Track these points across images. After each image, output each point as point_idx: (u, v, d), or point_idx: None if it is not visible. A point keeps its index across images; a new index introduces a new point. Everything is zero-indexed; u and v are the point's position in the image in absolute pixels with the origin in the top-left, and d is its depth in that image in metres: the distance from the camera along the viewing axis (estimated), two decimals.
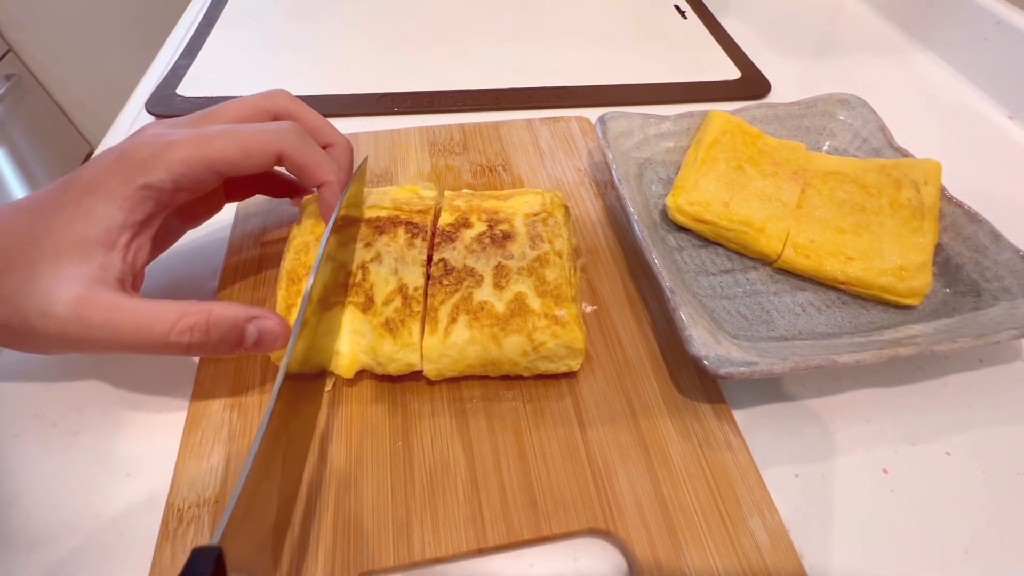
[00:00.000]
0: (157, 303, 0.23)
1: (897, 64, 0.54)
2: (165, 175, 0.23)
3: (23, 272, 0.22)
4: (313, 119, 0.29)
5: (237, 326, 0.23)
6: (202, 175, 0.24)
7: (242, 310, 0.23)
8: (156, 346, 0.22)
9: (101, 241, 0.23)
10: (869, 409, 0.29)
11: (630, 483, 0.25)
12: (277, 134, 0.25)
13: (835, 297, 0.33)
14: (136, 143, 0.24)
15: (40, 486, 0.26)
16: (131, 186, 0.23)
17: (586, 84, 0.49)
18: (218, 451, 0.26)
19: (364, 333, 0.26)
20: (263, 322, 0.24)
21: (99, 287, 0.22)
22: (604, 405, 0.28)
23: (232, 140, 0.24)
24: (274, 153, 0.25)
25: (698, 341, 0.26)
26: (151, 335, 0.22)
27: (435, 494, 0.25)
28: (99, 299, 0.22)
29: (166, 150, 0.23)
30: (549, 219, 0.30)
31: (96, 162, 0.24)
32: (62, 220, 0.23)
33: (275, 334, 0.24)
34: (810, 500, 0.26)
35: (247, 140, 0.24)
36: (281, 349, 0.25)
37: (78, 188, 0.23)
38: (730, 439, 0.27)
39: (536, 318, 0.27)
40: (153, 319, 0.22)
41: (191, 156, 0.23)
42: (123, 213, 0.23)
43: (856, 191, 0.35)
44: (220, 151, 0.24)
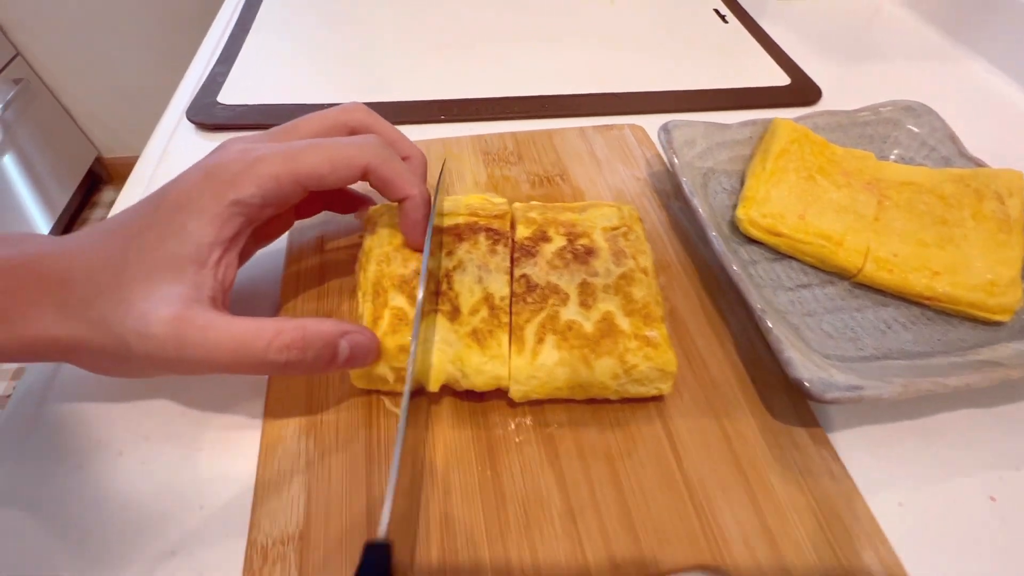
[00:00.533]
0: (251, 321, 0.22)
1: (944, 68, 0.53)
2: (256, 190, 0.23)
3: (115, 295, 0.21)
4: (390, 132, 0.28)
5: (331, 343, 0.22)
6: (290, 190, 0.23)
7: (335, 326, 0.23)
8: (253, 365, 0.22)
9: (193, 259, 0.22)
10: (967, 431, 0.28)
11: (734, 515, 0.24)
12: (363, 148, 0.25)
13: (919, 313, 0.32)
14: (224, 160, 0.23)
15: (109, 522, 0.24)
16: (222, 202, 0.22)
17: (633, 91, 0.48)
18: (297, 481, 0.25)
19: (451, 343, 0.25)
20: (355, 337, 0.23)
21: (195, 306, 0.21)
22: (696, 430, 0.27)
23: (319, 154, 0.24)
24: (361, 167, 0.24)
25: (799, 364, 0.25)
26: (248, 354, 0.21)
27: (531, 528, 0.23)
28: (196, 318, 0.21)
29: (255, 165, 0.23)
30: (630, 233, 0.29)
31: (183, 180, 0.23)
32: (152, 239, 0.22)
33: (367, 349, 0.24)
34: (916, 531, 0.25)
35: (334, 154, 0.24)
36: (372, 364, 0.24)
37: (167, 207, 0.23)
38: (831, 466, 0.26)
39: (627, 339, 0.26)
40: (250, 337, 0.21)
41: (280, 171, 0.23)
42: (214, 230, 0.22)
43: (935, 202, 0.34)
44: (308, 165, 0.23)
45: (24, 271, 0.22)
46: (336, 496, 0.24)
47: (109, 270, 0.21)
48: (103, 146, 1.67)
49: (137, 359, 0.21)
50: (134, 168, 0.41)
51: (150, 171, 0.41)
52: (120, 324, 0.21)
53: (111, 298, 0.21)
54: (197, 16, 0.53)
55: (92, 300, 0.21)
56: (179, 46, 0.54)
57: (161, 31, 1.41)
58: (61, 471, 0.26)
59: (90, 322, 0.21)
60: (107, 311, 0.21)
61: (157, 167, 0.41)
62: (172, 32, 1.40)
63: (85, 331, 0.21)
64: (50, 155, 1.49)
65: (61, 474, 0.25)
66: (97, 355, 0.22)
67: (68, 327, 0.21)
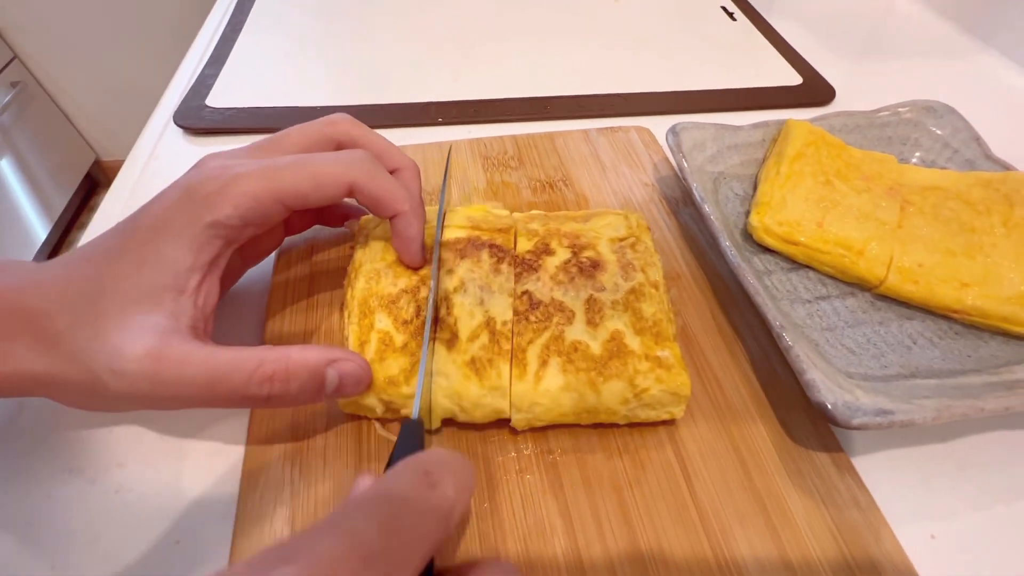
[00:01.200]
0: (231, 351, 0.20)
1: (962, 65, 0.51)
2: (232, 211, 0.21)
3: (90, 327, 0.20)
4: (378, 144, 0.26)
5: (317, 373, 0.21)
6: (270, 209, 0.22)
7: (321, 353, 0.21)
8: (233, 399, 0.20)
9: (170, 286, 0.20)
10: (1000, 455, 0.26)
11: (751, 549, 0.22)
12: (349, 164, 0.23)
13: (947, 327, 0.30)
14: (200, 178, 0.21)
15: (78, 556, 0.22)
16: (198, 225, 0.21)
17: (639, 91, 0.46)
18: (280, 514, 0.23)
19: (448, 374, 0.23)
20: (344, 365, 0.21)
21: (171, 337, 0.20)
22: (710, 456, 0.25)
23: (302, 171, 0.22)
24: (347, 184, 0.23)
25: (822, 387, 0.23)
26: (227, 388, 0.20)
27: (533, 566, 0.22)
28: (171, 352, 0.19)
29: (232, 184, 0.21)
30: (638, 244, 0.27)
31: (158, 201, 0.22)
32: (127, 266, 0.20)
33: (357, 378, 0.22)
34: (951, 567, 0.23)
35: (318, 171, 0.22)
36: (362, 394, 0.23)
37: (142, 231, 0.21)
38: (856, 495, 0.24)
39: (637, 360, 0.24)
40: (229, 370, 0.20)
41: (259, 189, 0.21)
42: (191, 255, 0.21)
43: (962, 208, 0.32)
44: (290, 184, 0.22)
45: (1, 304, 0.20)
46: None
47: (84, 300, 0.20)
48: (101, 149, 1.66)
49: (110, 396, 0.20)
50: (118, 174, 0.39)
51: (135, 176, 0.39)
52: (93, 360, 0.19)
53: (86, 331, 0.20)
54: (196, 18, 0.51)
55: (67, 332, 0.20)
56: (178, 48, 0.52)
57: (159, 34, 1.40)
58: (29, 500, 0.24)
59: (64, 357, 0.20)
60: (81, 345, 0.19)
61: (143, 172, 0.39)
62: (171, 35, 1.39)
63: (60, 366, 0.20)
64: (48, 159, 1.47)
65: (29, 503, 0.24)
66: (72, 390, 0.21)
67: (44, 362, 0.20)
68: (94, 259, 0.21)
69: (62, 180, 1.53)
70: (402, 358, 0.23)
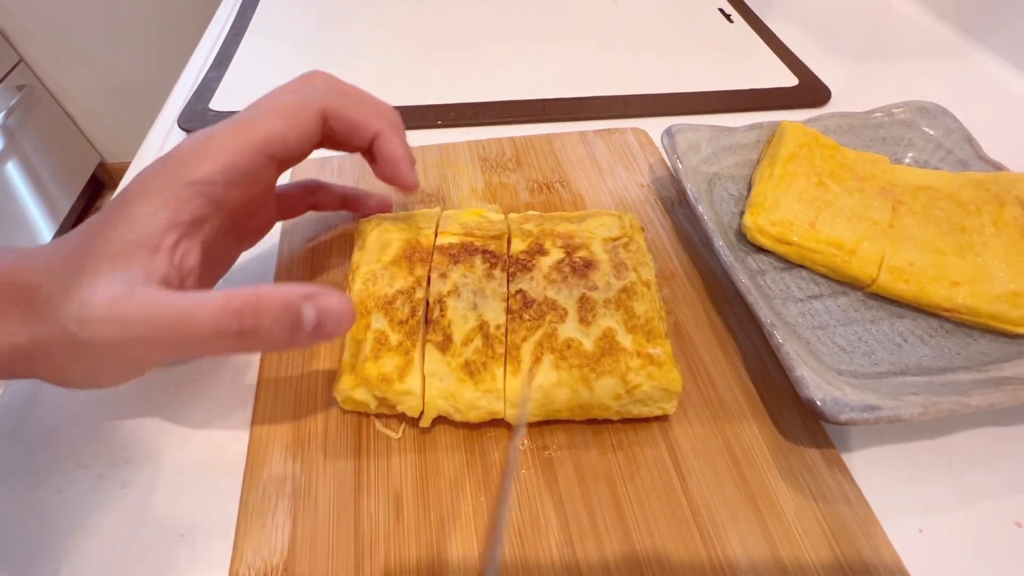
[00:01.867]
0: (198, 292, 0.20)
1: (958, 66, 0.52)
2: (212, 167, 0.21)
3: (68, 290, 0.19)
4: (356, 91, 0.26)
5: (292, 307, 0.20)
6: (252, 162, 0.22)
7: (297, 288, 0.20)
8: (203, 338, 0.19)
9: (144, 243, 0.20)
10: (989, 451, 0.26)
11: (743, 544, 0.23)
12: (315, 91, 0.23)
13: (937, 325, 0.30)
14: (177, 146, 0.22)
15: (88, 549, 0.23)
16: (175, 185, 0.21)
17: (637, 93, 0.47)
18: (282, 508, 0.24)
19: (442, 376, 0.24)
20: (323, 301, 0.20)
21: (138, 286, 0.19)
22: (703, 452, 0.25)
23: (272, 113, 0.22)
24: (318, 111, 0.23)
25: (811, 383, 0.24)
26: (196, 325, 0.19)
27: (527, 559, 0.22)
28: (136, 296, 0.19)
29: (207, 143, 0.21)
30: (631, 244, 0.28)
31: (141, 171, 0.22)
32: (105, 231, 0.20)
33: (338, 314, 0.20)
34: (939, 561, 0.23)
35: (286, 107, 0.22)
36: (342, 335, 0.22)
37: (121, 200, 0.21)
38: (845, 490, 0.24)
39: (629, 357, 0.24)
40: (196, 306, 0.19)
41: (235, 142, 0.21)
42: (167, 213, 0.20)
43: (953, 208, 0.32)
44: (264, 129, 0.22)
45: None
46: (323, 526, 0.23)
47: (65, 267, 0.20)
48: (106, 152, 1.67)
49: (82, 351, 0.19)
50: (124, 176, 0.40)
51: None
52: (64, 314, 0.19)
53: (65, 294, 0.19)
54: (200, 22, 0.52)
55: (49, 300, 0.20)
56: (183, 51, 0.53)
57: (164, 36, 1.41)
58: (40, 495, 0.25)
59: (44, 322, 0.20)
60: (57, 307, 0.19)
61: None
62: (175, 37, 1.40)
63: (41, 333, 0.20)
64: (53, 161, 1.49)
65: (40, 498, 0.24)
66: (52, 358, 0.20)
67: (25, 332, 0.20)
68: (79, 231, 0.21)
69: (67, 182, 1.55)
70: (396, 356, 0.24)
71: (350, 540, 0.22)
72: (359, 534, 0.23)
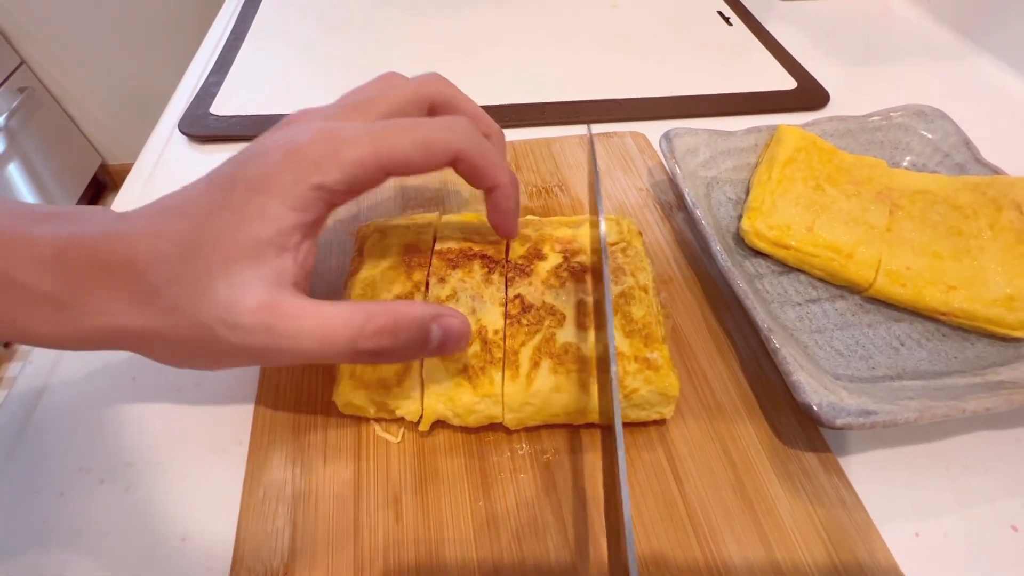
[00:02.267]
0: (340, 306, 0.20)
1: (958, 70, 0.52)
2: (340, 175, 0.21)
3: (193, 283, 0.19)
4: (473, 108, 0.26)
5: (424, 327, 0.21)
6: (375, 175, 0.21)
7: (426, 308, 0.21)
8: (343, 354, 0.20)
9: (274, 243, 0.20)
10: (985, 456, 0.27)
11: (739, 548, 0.23)
12: (456, 133, 0.23)
13: (934, 329, 0.30)
14: (306, 139, 0.21)
15: (89, 552, 0.23)
16: (304, 185, 0.20)
17: (635, 96, 0.47)
18: (282, 512, 0.24)
19: (441, 381, 0.24)
20: (448, 321, 0.22)
21: (280, 291, 0.20)
22: (700, 456, 0.25)
23: (411, 139, 0.22)
24: (453, 154, 0.23)
25: (807, 387, 0.24)
26: (339, 342, 0.20)
27: (525, 562, 0.22)
28: (285, 306, 0.20)
29: (342, 150, 0.21)
30: (629, 249, 0.28)
31: (259, 158, 0.21)
32: (228, 222, 0.20)
33: (459, 334, 0.22)
34: (935, 565, 0.23)
35: (427, 139, 0.22)
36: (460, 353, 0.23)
37: (242, 187, 0.20)
38: (842, 494, 0.24)
39: (626, 362, 0.24)
40: (340, 324, 0.20)
41: (367, 156, 0.21)
42: (295, 214, 0.20)
43: (950, 212, 0.32)
44: (399, 151, 0.21)
45: (83, 253, 0.20)
46: (322, 529, 0.23)
47: (180, 255, 0.20)
48: (107, 153, 1.68)
49: (221, 349, 0.20)
50: (126, 180, 0.40)
51: (143, 182, 0.40)
52: (206, 314, 0.19)
53: (189, 286, 0.19)
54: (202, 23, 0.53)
55: (165, 288, 0.19)
56: (184, 53, 0.53)
57: (165, 39, 1.42)
58: (43, 498, 0.25)
59: (166, 311, 0.20)
60: (186, 300, 0.19)
61: (150, 178, 0.40)
62: (176, 39, 1.41)
63: (161, 321, 0.20)
64: (55, 162, 1.49)
65: (43, 501, 0.25)
66: (174, 346, 0.20)
67: (139, 317, 0.20)
68: (188, 213, 0.20)
69: (69, 183, 1.55)
70: None
71: (350, 543, 0.23)
72: (358, 537, 0.23)
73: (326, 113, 0.24)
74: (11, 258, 0.19)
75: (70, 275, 0.19)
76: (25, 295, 0.19)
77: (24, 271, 0.19)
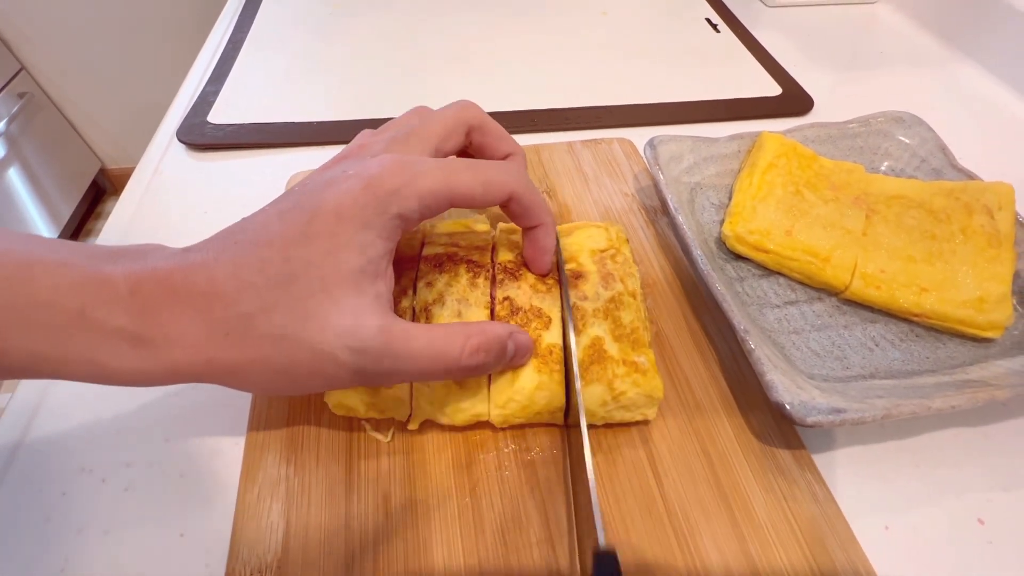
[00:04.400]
0: (441, 328, 0.23)
1: (940, 77, 0.53)
2: (416, 204, 0.22)
3: (294, 310, 0.20)
4: (498, 131, 0.29)
5: (504, 343, 0.23)
6: (441, 206, 0.23)
7: (504, 327, 0.24)
8: (447, 372, 0.22)
9: (368, 271, 0.21)
10: (955, 451, 0.28)
11: (715, 542, 0.24)
12: (512, 175, 0.25)
13: (908, 330, 0.31)
14: (382, 170, 0.22)
15: (91, 549, 0.24)
16: (386, 215, 0.22)
17: (623, 103, 0.48)
18: (276, 509, 0.25)
19: (429, 382, 0.25)
20: (519, 337, 0.24)
21: (391, 316, 0.22)
22: (679, 454, 0.26)
23: (475, 177, 0.24)
24: (508, 193, 0.25)
25: (780, 387, 0.25)
26: (445, 360, 0.22)
27: (509, 556, 0.23)
28: (398, 329, 0.21)
29: (417, 181, 0.22)
30: (618, 255, 0.29)
31: (334, 188, 0.22)
32: (319, 251, 0.21)
33: (527, 347, 0.25)
34: (904, 556, 0.24)
35: (488, 178, 0.24)
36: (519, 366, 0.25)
37: (325, 218, 0.21)
38: (815, 490, 0.25)
39: (615, 365, 0.25)
40: (445, 344, 0.22)
41: (439, 188, 0.23)
42: (383, 241, 0.22)
43: (924, 217, 0.33)
44: (465, 187, 0.23)
45: (158, 285, 0.20)
46: (315, 525, 0.24)
47: (269, 283, 0.20)
48: (107, 157, 1.69)
49: (337, 375, 0.21)
50: (125, 189, 0.41)
51: (142, 190, 0.41)
52: (324, 340, 0.20)
53: (291, 314, 0.20)
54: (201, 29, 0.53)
55: (260, 316, 0.20)
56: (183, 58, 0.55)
57: (165, 44, 1.43)
58: (45, 497, 0.26)
59: (268, 340, 0.20)
60: (290, 327, 0.20)
61: (149, 186, 0.41)
62: (175, 44, 1.42)
63: (262, 351, 0.20)
64: (54, 167, 1.50)
65: (45, 500, 0.26)
66: (276, 374, 0.21)
67: (229, 348, 0.20)
68: (267, 242, 0.21)
69: (68, 188, 1.56)
70: None
71: (341, 538, 0.24)
72: (349, 533, 0.24)
73: (389, 142, 0.25)
74: (86, 296, 0.19)
75: (147, 308, 0.20)
76: (102, 331, 0.19)
77: (100, 308, 0.19)
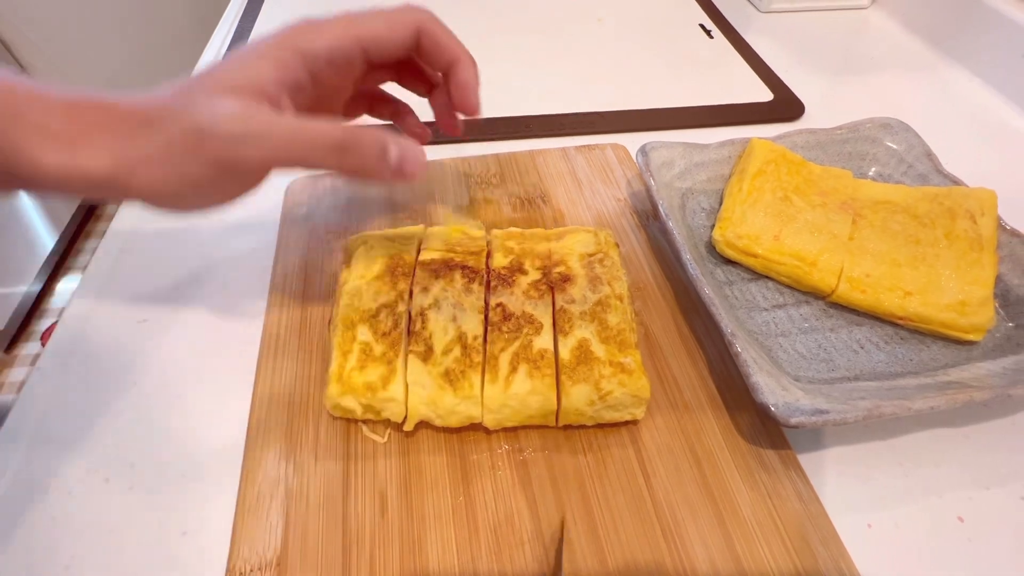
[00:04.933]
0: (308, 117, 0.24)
1: (930, 82, 0.54)
2: (321, 43, 0.25)
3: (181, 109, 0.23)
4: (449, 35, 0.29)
5: (381, 140, 0.24)
6: (351, 48, 0.26)
7: (387, 133, 0.24)
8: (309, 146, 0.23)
9: (254, 88, 0.23)
10: (936, 451, 0.28)
11: (702, 539, 0.24)
12: (419, 11, 0.27)
13: (893, 332, 0.32)
14: (293, 24, 0.25)
15: (96, 547, 0.25)
16: (287, 50, 0.24)
17: (617, 109, 0.49)
18: (276, 508, 0.25)
19: (424, 384, 0.26)
20: (407, 144, 0.25)
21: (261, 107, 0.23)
22: (667, 453, 0.27)
23: (377, 17, 0.26)
24: (415, 26, 0.27)
25: (765, 388, 0.26)
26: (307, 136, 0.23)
27: (501, 552, 0.24)
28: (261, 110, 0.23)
29: (321, 25, 0.25)
30: (606, 259, 0.30)
31: (252, 41, 0.25)
32: (218, 72, 0.24)
33: (415, 160, 0.25)
34: (886, 553, 0.25)
35: (390, 16, 0.26)
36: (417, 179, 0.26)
37: (235, 54, 0.25)
38: (799, 488, 0.26)
39: (602, 366, 0.26)
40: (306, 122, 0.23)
41: (343, 30, 0.25)
42: (277, 71, 0.24)
43: (909, 221, 0.34)
44: (368, 26, 0.26)
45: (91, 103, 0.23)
46: (313, 524, 0.25)
47: (181, 96, 0.23)
48: None
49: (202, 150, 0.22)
50: None
51: None
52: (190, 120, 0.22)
53: (177, 111, 0.23)
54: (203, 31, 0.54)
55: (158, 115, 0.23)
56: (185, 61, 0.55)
57: (166, 46, 1.44)
58: (52, 498, 0.26)
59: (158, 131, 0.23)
60: (174, 114, 0.23)
61: None
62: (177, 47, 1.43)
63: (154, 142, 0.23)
64: None
65: (52, 501, 0.26)
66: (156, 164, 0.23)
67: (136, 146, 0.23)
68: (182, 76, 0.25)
69: None
70: (380, 366, 0.26)
71: (338, 537, 0.24)
72: (346, 531, 0.24)
73: None
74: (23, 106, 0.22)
75: (80, 117, 0.23)
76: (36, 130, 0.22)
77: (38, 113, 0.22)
